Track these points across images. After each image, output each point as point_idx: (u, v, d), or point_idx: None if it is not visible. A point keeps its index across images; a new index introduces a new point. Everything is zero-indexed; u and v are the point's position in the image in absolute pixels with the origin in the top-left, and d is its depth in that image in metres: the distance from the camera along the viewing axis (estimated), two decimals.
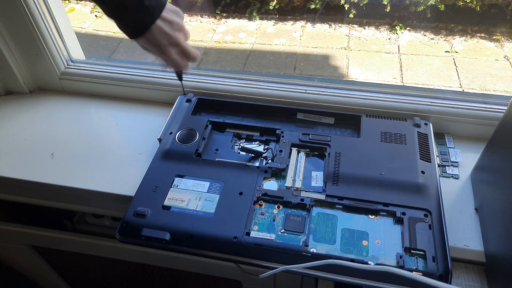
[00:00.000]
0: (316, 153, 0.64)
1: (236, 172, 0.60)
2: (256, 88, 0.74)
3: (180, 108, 0.71)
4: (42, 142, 0.72)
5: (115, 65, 0.81)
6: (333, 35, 2.49)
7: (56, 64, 0.79)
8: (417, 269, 0.49)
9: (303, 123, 0.71)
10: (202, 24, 2.67)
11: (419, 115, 0.68)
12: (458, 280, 0.54)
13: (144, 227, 0.53)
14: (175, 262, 0.77)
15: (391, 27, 2.52)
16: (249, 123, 0.69)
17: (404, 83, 2.11)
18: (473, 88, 2.05)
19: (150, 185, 0.58)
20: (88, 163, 0.68)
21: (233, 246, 0.51)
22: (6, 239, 0.87)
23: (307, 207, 0.55)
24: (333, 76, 2.19)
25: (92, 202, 0.68)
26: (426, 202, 0.55)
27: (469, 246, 0.54)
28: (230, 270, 0.73)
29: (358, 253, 0.50)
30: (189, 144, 0.64)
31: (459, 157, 0.66)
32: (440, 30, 2.47)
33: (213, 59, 2.37)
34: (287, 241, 0.52)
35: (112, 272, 0.93)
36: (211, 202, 0.56)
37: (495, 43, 2.34)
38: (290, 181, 0.59)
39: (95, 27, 2.61)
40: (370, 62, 2.25)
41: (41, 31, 0.73)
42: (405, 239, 0.51)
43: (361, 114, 0.68)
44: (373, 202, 0.55)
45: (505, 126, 0.52)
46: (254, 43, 2.47)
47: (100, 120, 0.77)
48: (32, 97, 0.82)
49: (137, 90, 0.79)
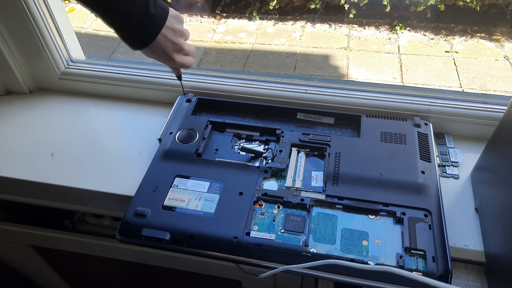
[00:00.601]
0: (316, 153, 0.64)
1: (236, 172, 0.60)
2: (256, 88, 0.74)
3: (180, 108, 0.71)
4: (42, 142, 0.72)
5: (115, 65, 0.81)
6: (333, 35, 2.49)
7: (56, 64, 0.79)
8: (417, 269, 0.49)
9: (303, 123, 0.71)
10: (202, 24, 2.67)
11: (419, 115, 0.68)
12: (458, 280, 0.54)
13: (144, 227, 0.53)
14: (175, 262, 0.77)
15: (391, 27, 2.52)
16: (249, 123, 0.69)
17: (404, 83, 2.11)
18: (473, 88, 2.05)
19: (150, 185, 0.58)
20: (88, 163, 0.68)
21: (233, 246, 0.51)
22: (6, 239, 0.87)
23: (307, 207, 0.55)
24: (333, 76, 2.19)
25: (92, 202, 0.68)
26: (426, 202, 0.55)
27: (469, 246, 0.54)
28: (230, 270, 0.73)
29: (358, 253, 0.50)
30: (189, 144, 0.64)
31: (459, 157, 0.66)
32: (440, 30, 2.47)
33: (213, 59, 2.37)
34: (287, 241, 0.52)
35: (112, 272, 0.93)
36: (211, 202, 0.56)
37: (495, 43, 2.34)
38: (290, 181, 0.59)
39: (95, 27, 2.61)
40: (370, 62, 2.25)
41: (41, 31, 0.73)
42: (405, 239, 0.51)
43: (361, 114, 0.68)
44: (373, 202, 0.55)
45: (505, 126, 0.52)
46: (254, 43, 2.47)
47: (100, 120, 0.77)
48: (32, 97, 0.82)
49: (137, 90, 0.79)
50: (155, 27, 0.54)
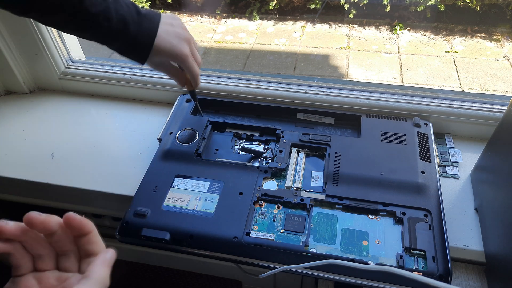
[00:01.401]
0: (316, 153, 0.64)
1: (236, 172, 0.60)
2: (256, 88, 0.74)
3: (180, 108, 0.71)
4: (42, 142, 0.72)
5: (115, 65, 0.81)
6: (333, 35, 2.49)
7: (56, 64, 0.79)
8: (417, 269, 0.49)
9: (303, 123, 0.71)
10: (202, 24, 2.67)
11: (419, 115, 0.68)
12: (458, 280, 0.54)
13: (144, 227, 0.53)
14: (175, 262, 0.77)
15: (391, 27, 2.52)
16: (249, 123, 0.69)
17: (404, 83, 2.11)
18: (473, 88, 2.05)
19: (150, 185, 0.58)
20: (88, 163, 0.68)
21: (233, 246, 0.51)
22: None
23: (307, 207, 0.55)
24: (333, 76, 2.19)
25: (92, 202, 0.68)
26: (426, 202, 0.55)
27: (469, 246, 0.54)
28: (230, 270, 0.73)
29: (358, 253, 0.50)
30: (189, 144, 0.64)
31: (459, 157, 0.66)
32: (440, 30, 2.47)
33: (213, 59, 2.37)
34: (287, 241, 0.52)
35: (112, 272, 0.93)
36: (211, 202, 0.56)
37: (495, 43, 2.34)
38: (290, 181, 0.59)
39: None
40: (370, 62, 2.25)
41: (41, 31, 0.73)
42: (405, 239, 0.51)
43: (361, 114, 0.68)
44: (373, 202, 0.55)
45: (505, 126, 0.52)
46: (254, 43, 2.47)
47: (100, 120, 0.77)
48: (32, 97, 0.82)
49: (137, 90, 0.79)
50: (152, 23, 0.53)
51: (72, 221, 0.33)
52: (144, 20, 0.52)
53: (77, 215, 0.33)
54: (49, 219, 0.33)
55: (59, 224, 0.33)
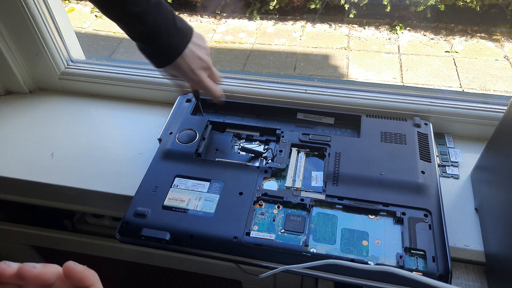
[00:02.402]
0: (316, 153, 0.64)
1: (236, 172, 0.60)
2: (256, 88, 0.74)
3: (180, 108, 0.71)
4: (42, 142, 0.72)
5: (115, 65, 0.81)
6: (333, 35, 2.49)
7: (56, 64, 0.79)
8: (417, 269, 0.49)
9: (303, 123, 0.71)
10: (202, 24, 2.67)
11: (419, 115, 0.68)
12: (458, 280, 0.54)
13: (144, 227, 0.53)
14: (175, 262, 0.77)
15: (391, 27, 2.52)
16: (249, 123, 0.69)
17: (404, 83, 2.11)
18: (473, 88, 2.05)
19: (150, 185, 0.58)
20: (88, 163, 0.68)
21: (233, 246, 0.51)
22: (6, 239, 0.87)
23: (307, 207, 0.55)
24: (333, 76, 2.19)
25: (92, 202, 0.68)
26: (426, 202, 0.55)
27: (469, 246, 0.54)
28: (230, 270, 0.73)
29: (358, 253, 0.50)
30: (189, 144, 0.64)
31: (459, 157, 0.66)
32: (440, 30, 2.47)
33: (213, 59, 2.35)
34: (287, 241, 0.52)
35: (112, 272, 0.93)
36: (211, 202, 0.56)
37: (495, 43, 2.34)
38: (290, 181, 0.59)
39: (95, 27, 2.61)
40: (370, 62, 2.25)
41: (41, 31, 0.73)
42: (405, 239, 0.51)
43: (361, 114, 0.68)
44: (373, 202, 0.55)
45: (505, 126, 0.52)
46: (254, 43, 2.47)
47: (100, 120, 0.77)
48: (32, 97, 0.82)
49: (137, 90, 0.79)
50: (182, 40, 0.53)
51: (72, 272, 0.30)
52: (176, 35, 0.53)
53: (78, 265, 0.30)
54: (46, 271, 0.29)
55: (58, 274, 0.30)
